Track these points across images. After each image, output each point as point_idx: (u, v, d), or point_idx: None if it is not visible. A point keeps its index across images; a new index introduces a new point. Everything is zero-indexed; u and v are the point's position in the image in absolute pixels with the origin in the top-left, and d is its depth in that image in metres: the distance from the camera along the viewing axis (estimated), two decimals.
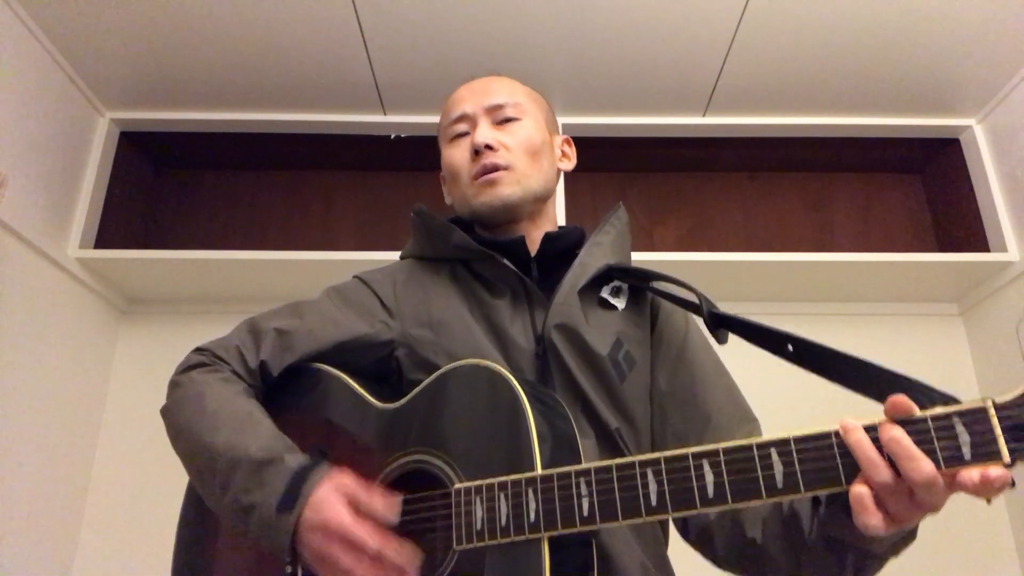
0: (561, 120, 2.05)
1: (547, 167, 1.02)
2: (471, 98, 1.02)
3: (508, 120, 1.00)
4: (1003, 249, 1.92)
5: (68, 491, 1.84)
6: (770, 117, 2.09)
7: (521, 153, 0.99)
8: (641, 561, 0.82)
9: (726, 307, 0.89)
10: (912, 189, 2.26)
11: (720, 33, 1.82)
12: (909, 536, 0.69)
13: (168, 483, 0.88)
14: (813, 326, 2.04)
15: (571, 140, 1.12)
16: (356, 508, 0.73)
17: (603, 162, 2.19)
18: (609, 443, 0.88)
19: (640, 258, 1.08)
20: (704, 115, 2.09)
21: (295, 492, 0.73)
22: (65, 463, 1.83)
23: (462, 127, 1.02)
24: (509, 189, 0.97)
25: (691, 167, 2.25)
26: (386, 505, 0.74)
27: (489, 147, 0.97)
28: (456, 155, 1.01)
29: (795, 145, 2.15)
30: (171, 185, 2.22)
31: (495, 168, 0.97)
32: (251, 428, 0.81)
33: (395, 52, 1.88)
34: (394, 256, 1.85)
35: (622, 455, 0.88)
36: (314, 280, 1.97)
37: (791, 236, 2.19)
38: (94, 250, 1.92)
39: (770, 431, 0.84)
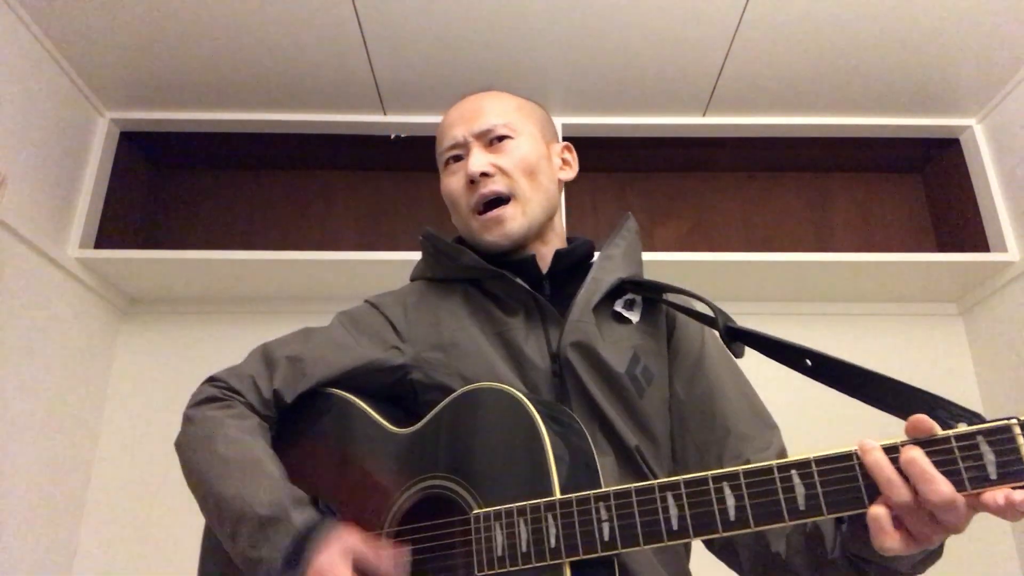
0: (561, 121, 2.05)
1: (547, 183, 1.00)
2: (461, 123, 1.00)
3: (501, 139, 0.97)
4: (1003, 249, 1.92)
5: (68, 491, 1.84)
6: (770, 117, 2.09)
7: (519, 175, 0.96)
8: None
9: (727, 308, 0.88)
10: (912, 189, 2.26)
11: (720, 33, 1.82)
12: (935, 553, 0.68)
13: (168, 483, 0.88)
14: (813, 326, 2.07)
15: (571, 147, 1.08)
16: (363, 568, 0.73)
17: (603, 162, 2.19)
18: (628, 461, 0.87)
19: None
20: (704, 115, 2.09)
21: (299, 553, 0.73)
22: (65, 463, 1.83)
23: (456, 153, 1.00)
24: (515, 224, 0.95)
25: (691, 167, 2.24)
26: (394, 563, 0.75)
27: (485, 174, 0.95)
28: (453, 184, 0.99)
29: (795, 145, 2.15)
30: (171, 185, 2.22)
31: (496, 197, 0.95)
32: (259, 478, 0.81)
33: (395, 52, 1.88)
34: (394, 256, 1.87)
35: (642, 473, 0.87)
36: (314, 280, 2.00)
37: (791, 236, 2.19)
38: (94, 250, 1.92)
39: (789, 444, 0.83)
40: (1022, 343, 1.85)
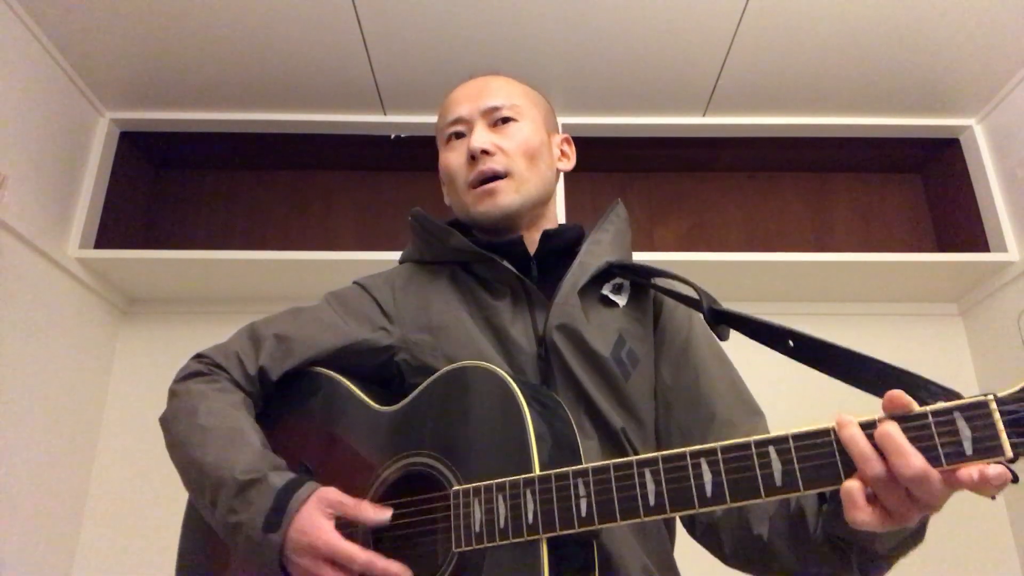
0: (561, 120, 2.05)
1: (545, 169, 1.01)
2: (467, 100, 1.01)
3: (505, 121, 0.99)
4: (1003, 249, 1.92)
5: (68, 491, 1.84)
6: (770, 117, 2.09)
7: (519, 156, 0.98)
8: (643, 562, 0.82)
9: (726, 307, 0.89)
10: (912, 189, 2.26)
11: (720, 33, 1.82)
12: (916, 536, 0.68)
13: (168, 483, 0.88)
14: (813, 326, 2.03)
15: (571, 139, 1.11)
16: (344, 519, 0.74)
17: (603, 162, 2.19)
18: (614, 444, 0.87)
19: (640, 258, 1.08)
20: (704, 115, 2.09)
21: (280, 512, 0.74)
22: (65, 463, 1.83)
23: (458, 129, 1.01)
24: (508, 198, 0.96)
25: (691, 167, 2.25)
26: (375, 510, 0.75)
27: (486, 152, 0.96)
28: (452, 159, 1.00)
29: (795, 145, 2.16)
30: (171, 185, 2.22)
31: (494, 175, 0.96)
32: (239, 446, 0.81)
33: (395, 52, 1.88)
34: (394, 256, 1.85)
35: (627, 456, 0.87)
36: (314, 280, 1.99)
37: (791, 236, 2.19)
38: (94, 250, 1.92)
39: (773, 427, 0.84)
40: (1022, 343, 1.85)
